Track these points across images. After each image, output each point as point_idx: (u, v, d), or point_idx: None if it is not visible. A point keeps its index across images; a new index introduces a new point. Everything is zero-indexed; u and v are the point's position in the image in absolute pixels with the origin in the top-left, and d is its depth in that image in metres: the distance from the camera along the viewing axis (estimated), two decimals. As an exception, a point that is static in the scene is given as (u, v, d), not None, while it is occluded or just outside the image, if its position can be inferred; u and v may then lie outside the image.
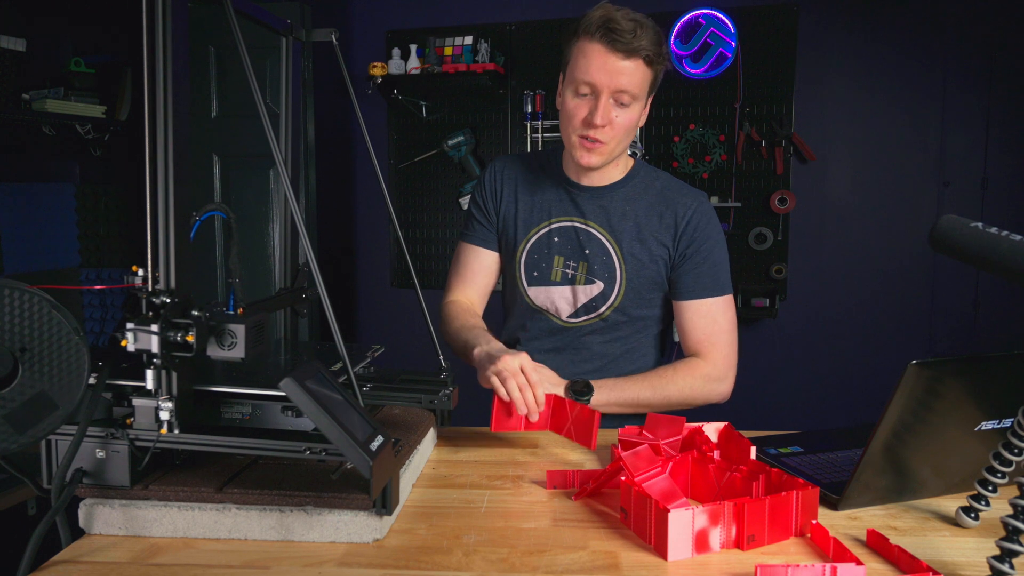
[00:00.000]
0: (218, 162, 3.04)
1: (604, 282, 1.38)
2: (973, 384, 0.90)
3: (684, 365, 1.36)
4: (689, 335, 1.38)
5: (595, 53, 1.23)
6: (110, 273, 2.95)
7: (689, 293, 1.37)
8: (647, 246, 1.37)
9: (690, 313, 1.37)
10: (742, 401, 1.43)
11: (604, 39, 1.22)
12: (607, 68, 1.23)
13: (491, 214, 1.47)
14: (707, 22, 2.93)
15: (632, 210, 1.38)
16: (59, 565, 0.82)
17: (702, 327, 1.37)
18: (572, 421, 1.12)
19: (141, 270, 0.83)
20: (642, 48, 1.22)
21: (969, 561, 0.82)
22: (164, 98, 0.81)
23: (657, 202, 1.38)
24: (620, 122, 1.27)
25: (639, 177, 1.41)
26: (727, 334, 1.38)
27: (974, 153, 2.94)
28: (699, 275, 1.37)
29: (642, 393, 1.31)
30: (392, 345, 1.41)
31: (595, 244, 1.39)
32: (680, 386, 1.33)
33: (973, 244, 0.79)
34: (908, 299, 3.02)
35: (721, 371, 1.36)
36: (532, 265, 1.43)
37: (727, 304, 1.38)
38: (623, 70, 1.23)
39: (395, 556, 0.83)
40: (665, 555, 0.82)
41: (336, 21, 3.29)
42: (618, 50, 1.21)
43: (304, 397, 0.78)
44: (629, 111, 1.27)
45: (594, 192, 1.39)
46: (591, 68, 1.23)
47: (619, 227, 1.38)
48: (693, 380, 1.34)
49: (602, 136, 1.27)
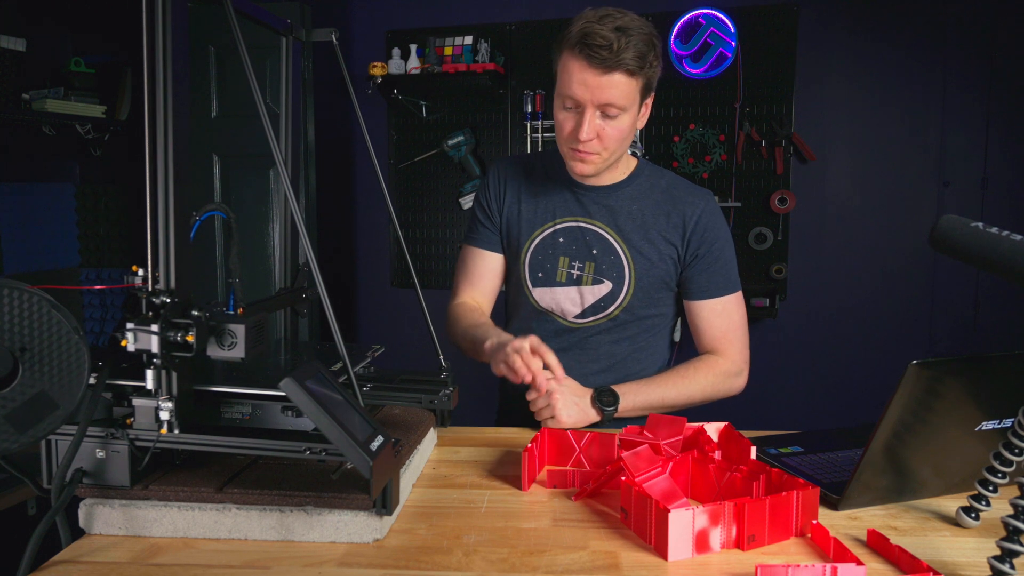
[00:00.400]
0: (218, 162, 3.04)
1: (613, 282, 1.38)
2: (973, 384, 0.90)
3: (703, 363, 1.37)
4: (705, 333, 1.40)
5: (575, 69, 1.21)
6: (110, 273, 2.95)
7: (703, 293, 1.38)
8: (655, 245, 1.37)
9: (706, 312, 1.39)
10: (742, 401, 1.43)
11: (582, 54, 1.19)
12: (588, 84, 1.20)
13: (494, 216, 1.47)
14: (707, 22, 2.93)
15: (639, 209, 1.38)
16: (59, 565, 0.82)
17: (718, 325, 1.39)
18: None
19: (141, 270, 0.83)
20: (622, 62, 1.18)
21: (969, 561, 0.82)
22: (164, 98, 0.81)
23: (663, 200, 1.39)
24: (609, 133, 1.25)
25: (644, 176, 1.41)
26: (741, 329, 1.41)
27: (974, 153, 2.94)
28: (712, 275, 1.38)
29: (667, 394, 1.32)
30: (392, 345, 1.41)
31: (602, 244, 1.38)
32: (702, 384, 1.34)
33: (973, 244, 0.79)
34: (908, 299, 3.02)
35: (739, 366, 1.40)
36: (537, 266, 1.42)
37: (739, 300, 1.41)
38: (604, 84, 1.20)
39: (395, 556, 0.83)
40: (665, 555, 0.82)
41: (336, 21, 3.29)
42: (596, 65, 1.18)
43: (304, 397, 0.78)
44: (618, 121, 1.25)
45: (599, 191, 1.39)
46: (572, 84, 1.22)
47: (626, 226, 1.38)
48: (715, 377, 1.36)
49: (591, 148, 1.27)
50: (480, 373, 1.40)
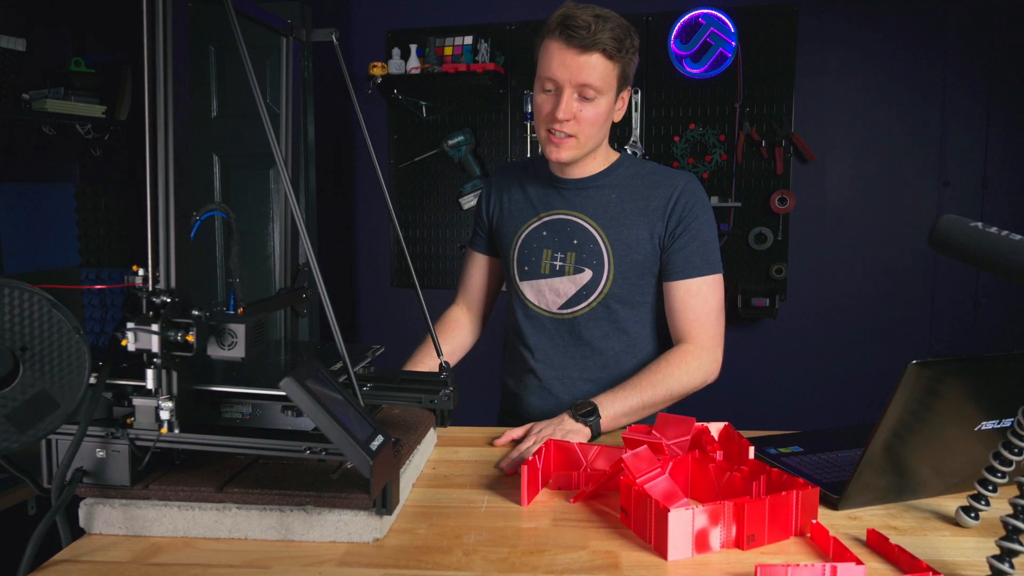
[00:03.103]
0: (218, 162, 3.04)
1: (593, 270, 1.39)
2: (973, 384, 0.90)
3: (675, 356, 1.34)
4: (678, 315, 1.37)
5: (555, 50, 1.27)
6: (110, 273, 2.95)
7: (679, 273, 1.36)
8: (633, 230, 1.37)
9: (682, 292, 1.37)
10: (742, 401, 1.43)
11: (562, 35, 1.25)
12: (566, 63, 1.26)
13: (484, 221, 1.55)
14: (707, 22, 2.93)
15: (617, 196, 1.40)
16: (59, 565, 0.82)
17: (693, 307, 1.36)
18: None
19: (141, 270, 0.83)
20: (599, 42, 1.24)
21: (969, 561, 0.82)
22: (164, 98, 0.81)
23: (644, 185, 1.40)
24: (585, 116, 1.30)
25: (624, 167, 1.43)
26: (716, 313, 1.37)
27: (974, 153, 2.94)
28: (688, 254, 1.36)
29: (644, 395, 1.30)
30: (392, 345, 1.41)
31: (582, 233, 1.40)
32: (678, 377, 1.32)
33: (973, 244, 0.79)
34: (908, 299, 3.02)
35: (711, 352, 1.36)
36: (523, 260, 1.45)
37: (716, 283, 1.37)
38: (582, 64, 1.26)
39: (395, 556, 0.84)
40: (665, 555, 0.82)
41: (336, 21, 3.29)
42: (574, 45, 1.25)
43: (304, 397, 0.78)
44: (595, 105, 1.29)
45: (578, 183, 1.42)
46: (552, 64, 1.28)
47: (604, 214, 1.39)
48: (688, 367, 1.33)
49: (568, 129, 1.30)
50: (480, 373, 1.40)
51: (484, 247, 1.57)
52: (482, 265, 1.58)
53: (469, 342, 1.60)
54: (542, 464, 1.02)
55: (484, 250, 1.57)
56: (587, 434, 1.21)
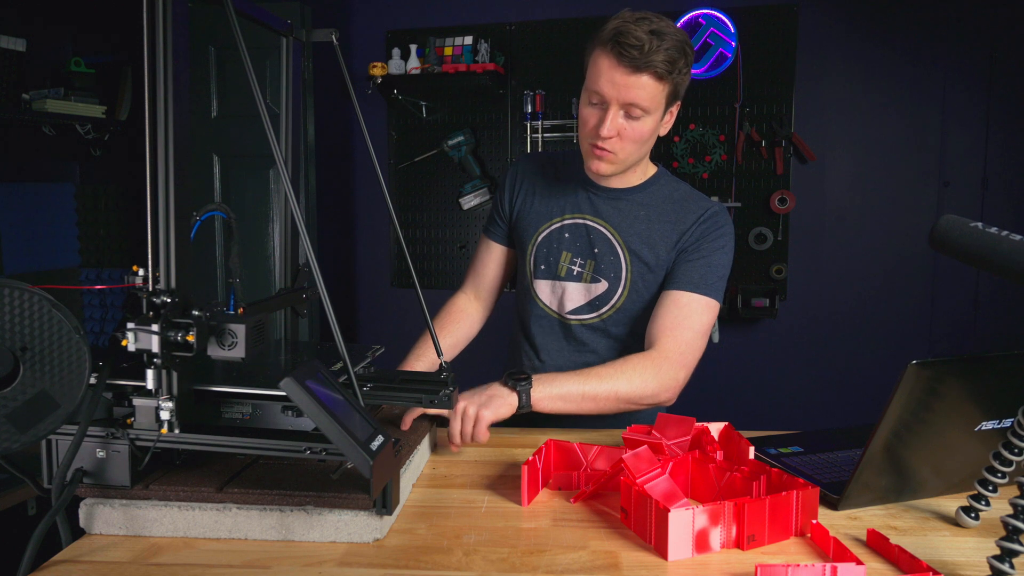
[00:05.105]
0: (218, 162, 3.04)
1: (609, 282, 1.38)
2: (973, 384, 0.90)
3: (633, 358, 1.27)
4: (655, 320, 1.31)
5: (605, 65, 1.21)
6: (110, 273, 2.95)
7: (673, 283, 1.33)
8: (655, 251, 1.36)
9: (667, 301, 1.31)
10: (742, 401, 1.43)
11: (614, 51, 1.19)
12: (615, 81, 1.21)
13: (506, 210, 1.50)
14: (707, 22, 2.93)
15: (646, 214, 1.37)
16: (59, 565, 0.82)
17: (672, 316, 1.29)
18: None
19: (141, 270, 0.83)
20: (651, 64, 1.18)
21: (969, 561, 0.82)
22: (164, 98, 0.81)
23: (673, 210, 1.37)
24: (630, 134, 1.25)
25: (659, 184, 1.40)
26: (692, 333, 1.29)
27: (974, 153, 2.94)
28: (690, 269, 1.32)
29: (587, 385, 1.21)
30: (392, 345, 1.41)
31: (604, 243, 1.39)
32: (629, 378, 1.23)
33: (973, 244, 0.79)
34: (908, 299, 3.02)
35: (672, 365, 1.25)
36: (541, 258, 1.44)
37: (707, 307, 1.31)
38: (631, 84, 1.20)
39: (395, 556, 0.84)
40: (665, 555, 0.82)
41: (336, 21, 3.29)
42: (625, 64, 1.18)
43: (304, 397, 0.78)
44: (640, 123, 1.25)
45: (611, 193, 1.39)
46: (600, 80, 1.22)
47: (630, 229, 1.37)
48: (642, 372, 1.24)
49: (610, 146, 1.26)
50: (480, 373, 1.40)
51: (502, 237, 1.52)
52: (498, 255, 1.53)
53: (474, 332, 1.58)
54: (542, 464, 1.02)
55: (502, 240, 1.52)
56: (513, 403, 1.16)
